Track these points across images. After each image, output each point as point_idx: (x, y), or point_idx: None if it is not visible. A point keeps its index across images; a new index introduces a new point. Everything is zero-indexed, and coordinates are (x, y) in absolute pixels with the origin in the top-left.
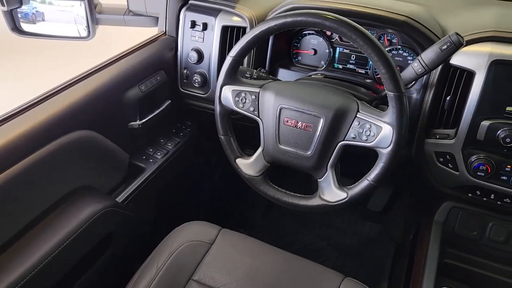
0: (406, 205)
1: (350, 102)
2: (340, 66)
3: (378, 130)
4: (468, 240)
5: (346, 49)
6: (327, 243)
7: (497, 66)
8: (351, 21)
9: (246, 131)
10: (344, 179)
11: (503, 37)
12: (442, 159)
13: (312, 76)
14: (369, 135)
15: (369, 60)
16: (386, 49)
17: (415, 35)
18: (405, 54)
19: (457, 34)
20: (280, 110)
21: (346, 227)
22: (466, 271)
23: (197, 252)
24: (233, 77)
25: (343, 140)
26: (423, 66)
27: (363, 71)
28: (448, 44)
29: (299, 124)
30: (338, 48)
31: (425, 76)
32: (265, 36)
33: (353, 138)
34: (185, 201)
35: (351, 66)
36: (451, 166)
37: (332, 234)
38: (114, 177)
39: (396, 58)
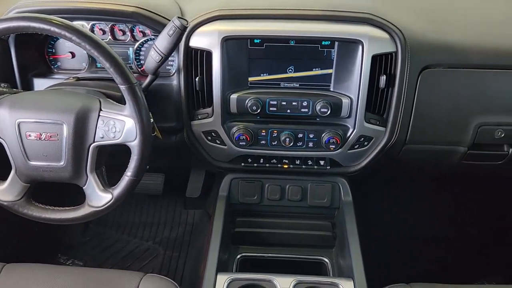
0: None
1: (92, 101)
2: None
3: (122, 125)
4: (253, 205)
5: None
6: (153, 242)
7: (228, 42)
8: (63, 20)
9: None
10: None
11: (229, 15)
12: (210, 137)
13: (64, 82)
14: (115, 131)
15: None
16: (140, 40)
17: (150, 24)
18: None
19: (179, 17)
20: (19, 125)
21: (170, 220)
22: (256, 234)
23: None
24: None
25: (93, 142)
26: (159, 54)
27: None
28: (174, 28)
29: (43, 135)
30: None
31: (176, 61)
32: None
33: (102, 138)
34: None
35: None
36: (219, 142)
37: (157, 231)
38: None
39: None
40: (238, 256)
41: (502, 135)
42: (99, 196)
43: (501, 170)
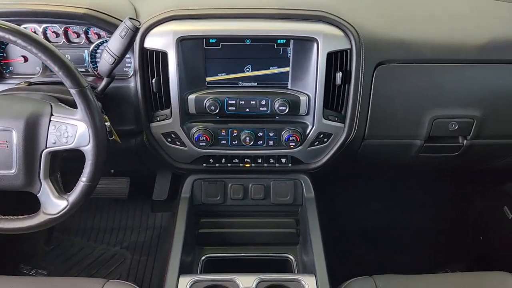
0: None
1: (42, 106)
2: None
3: (74, 130)
4: (216, 206)
5: None
6: (120, 247)
7: (183, 43)
8: (6, 23)
9: None
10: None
11: (183, 15)
12: (169, 139)
13: (15, 87)
14: (67, 136)
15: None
16: (96, 42)
17: (103, 25)
18: None
19: (130, 18)
20: None
21: (137, 224)
22: (220, 234)
23: None
24: None
25: (45, 148)
26: (112, 56)
27: (83, 69)
28: (126, 30)
29: None
30: None
31: (133, 63)
32: None
33: (54, 143)
34: None
35: None
36: (179, 143)
37: (124, 236)
38: None
39: None
40: (203, 258)
41: (456, 127)
42: (54, 203)
43: (458, 162)
